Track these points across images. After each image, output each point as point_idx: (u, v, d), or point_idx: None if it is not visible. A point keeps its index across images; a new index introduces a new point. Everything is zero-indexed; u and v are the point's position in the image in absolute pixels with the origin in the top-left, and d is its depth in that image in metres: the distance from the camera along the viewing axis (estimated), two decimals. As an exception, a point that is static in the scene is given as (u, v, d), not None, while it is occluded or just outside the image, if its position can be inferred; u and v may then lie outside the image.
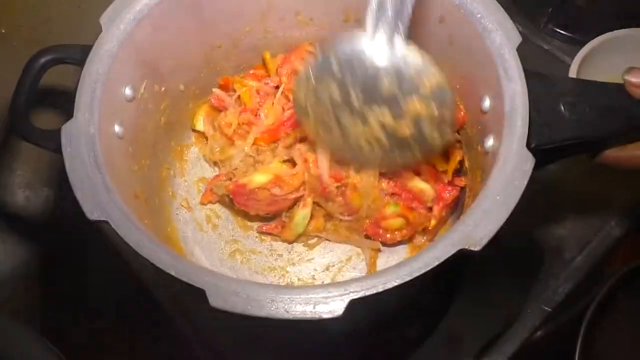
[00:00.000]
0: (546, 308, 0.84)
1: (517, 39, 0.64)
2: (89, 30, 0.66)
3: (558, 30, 1.04)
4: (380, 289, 0.51)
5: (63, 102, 0.84)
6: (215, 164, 0.86)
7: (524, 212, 0.56)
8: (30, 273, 0.94)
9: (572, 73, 0.86)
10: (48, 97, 0.81)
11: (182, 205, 0.84)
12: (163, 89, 0.76)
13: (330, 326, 0.56)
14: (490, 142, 0.66)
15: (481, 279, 0.85)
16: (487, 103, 0.67)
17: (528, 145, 0.59)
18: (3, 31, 0.81)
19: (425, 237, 0.80)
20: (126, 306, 0.87)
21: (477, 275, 0.85)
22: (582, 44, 0.89)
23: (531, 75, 0.63)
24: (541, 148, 0.60)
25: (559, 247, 0.88)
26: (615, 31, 0.88)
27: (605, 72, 0.84)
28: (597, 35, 0.89)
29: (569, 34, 1.03)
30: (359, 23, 0.78)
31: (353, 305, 0.51)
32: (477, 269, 0.84)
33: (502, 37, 0.65)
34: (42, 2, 0.81)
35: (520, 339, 0.82)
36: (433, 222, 0.76)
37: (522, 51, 0.63)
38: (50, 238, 0.96)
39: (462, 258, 0.54)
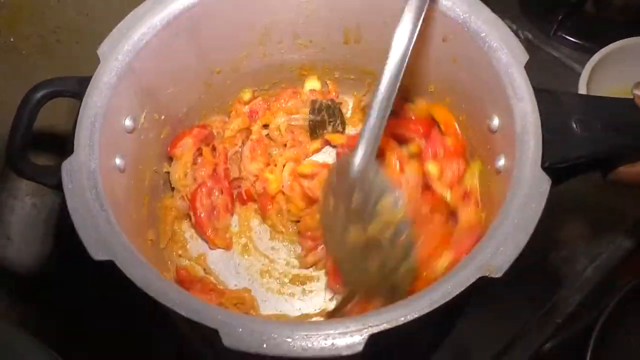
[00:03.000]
0: (556, 320, 0.83)
1: (524, 57, 0.63)
2: (97, 39, 0.65)
3: (567, 37, 1.04)
4: (400, 322, 0.50)
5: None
6: None
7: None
8: (35, 280, 0.93)
9: (583, 81, 0.85)
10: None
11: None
12: (163, 117, 0.74)
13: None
14: (501, 161, 0.64)
15: (490, 291, 0.82)
16: (495, 122, 0.66)
17: (542, 165, 0.58)
18: (12, 40, 0.80)
19: None
20: (129, 310, 0.85)
21: (486, 286, 0.82)
22: (592, 51, 0.89)
23: (540, 93, 0.62)
24: (554, 167, 0.59)
25: (569, 258, 0.87)
26: (625, 39, 0.88)
27: (616, 80, 0.84)
28: (607, 43, 0.88)
29: (579, 42, 1.03)
30: (359, 44, 0.80)
31: (373, 338, 0.49)
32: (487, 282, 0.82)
33: (508, 55, 0.64)
34: (51, 11, 0.80)
35: (529, 351, 0.81)
36: None
37: (532, 59, 0.63)
38: (57, 245, 0.94)
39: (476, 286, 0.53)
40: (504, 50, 0.64)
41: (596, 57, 0.87)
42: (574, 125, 0.61)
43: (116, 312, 0.86)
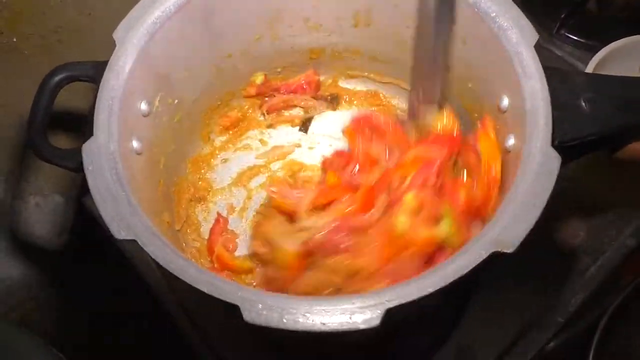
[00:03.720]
0: (559, 319, 0.83)
1: (534, 36, 0.64)
2: (99, 39, 0.66)
3: (570, 36, 1.04)
4: (415, 296, 0.51)
5: (73, 120, 0.85)
6: None
7: (537, 222, 0.56)
8: (38, 280, 0.94)
9: None
10: (59, 116, 0.81)
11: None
12: (176, 101, 0.75)
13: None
14: (511, 141, 0.65)
15: (493, 289, 0.84)
16: (505, 102, 0.67)
17: (552, 143, 0.59)
18: (14, 40, 0.81)
19: None
20: (129, 310, 0.87)
21: (489, 285, 0.83)
22: (595, 49, 0.88)
23: (549, 72, 0.62)
24: (563, 145, 0.60)
25: (572, 257, 0.87)
26: (628, 37, 0.88)
27: None
28: (610, 41, 0.88)
29: (581, 40, 1.03)
30: (369, 27, 0.80)
31: (390, 313, 0.51)
32: (489, 280, 0.83)
33: (518, 35, 0.64)
34: (52, 10, 0.81)
35: (533, 350, 0.81)
36: None
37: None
38: (59, 245, 0.96)
39: (489, 263, 0.54)
40: (514, 30, 0.65)
41: (599, 55, 0.87)
42: (583, 104, 0.61)
43: (117, 312, 0.88)
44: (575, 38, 1.04)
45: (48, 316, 0.93)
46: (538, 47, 0.64)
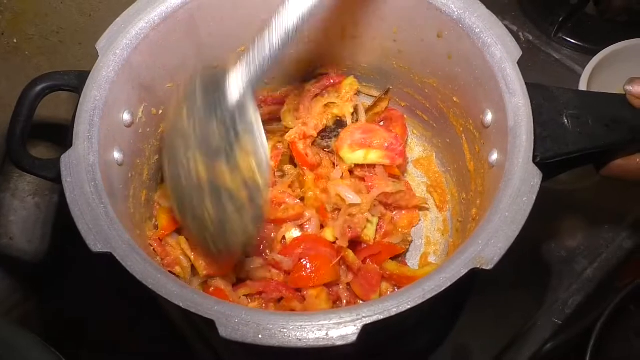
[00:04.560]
0: (556, 320, 0.83)
1: (517, 53, 0.64)
2: None
3: (568, 39, 1.04)
4: (393, 312, 0.51)
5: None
6: None
7: (534, 223, 0.56)
8: (38, 279, 0.94)
9: (583, 82, 0.85)
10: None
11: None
12: (160, 111, 0.75)
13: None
14: (494, 156, 0.65)
15: (491, 291, 0.84)
16: (489, 117, 0.67)
17: (533, 160, 0.59)
18: (15, 41, 0.81)
19: None
20: (130, 310, 0.86)
21: (486, 286, 0.84)
22: (593, 52, 0.89)
23: (533, 89, 0.63)
24: (546, 162, 0.60)
25: (569, 258, 0.88)
26: (625, 41, 0.89)
27: (616, 81, 0.83)
28: (608, 44, 0.89)
29: (579, 43, 1.04)
30: (355, 39, 0.80)
31: (367, 329, 0.50)
32: (487, 281, 0.83)
33: (502, 51, 0.64)
34: (54, 12, 0.81)
35: (530, 351, 0.81)
36: None
37: (532, 61, 0.63)
38: (59, 245, 0.95)
39: (473, 275, 0.54)
40: (498, 46, 0.65)
41: (596, 58, 0.88)
42: (566, 121, 0.62)
43: (118, 311, 0.87)
44: (573, 41, 1.04)
45: (48, 316, 0.93)
46: (536, 51, 0.63)
